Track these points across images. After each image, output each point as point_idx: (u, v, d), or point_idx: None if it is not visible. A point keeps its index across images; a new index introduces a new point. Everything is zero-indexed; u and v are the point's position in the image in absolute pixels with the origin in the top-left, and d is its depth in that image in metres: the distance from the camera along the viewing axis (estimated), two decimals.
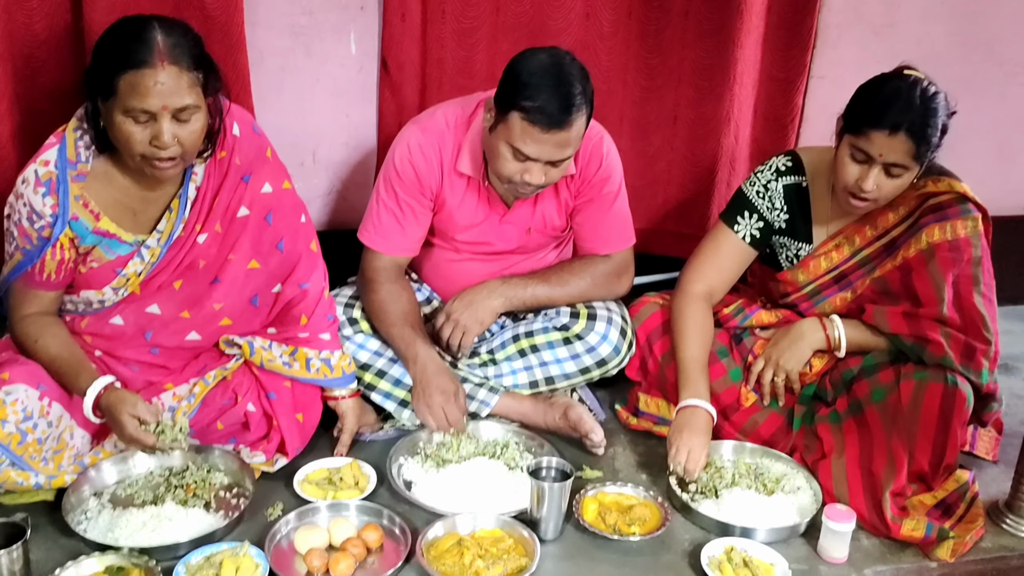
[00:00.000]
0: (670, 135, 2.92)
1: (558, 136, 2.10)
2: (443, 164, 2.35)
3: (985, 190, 2.55)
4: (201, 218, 2.11)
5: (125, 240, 2.06)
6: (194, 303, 2.17)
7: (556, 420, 2.38)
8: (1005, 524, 2.16)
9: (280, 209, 2.17)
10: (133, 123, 1.87)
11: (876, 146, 2.12)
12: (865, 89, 2.19)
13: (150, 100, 1.84)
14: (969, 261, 2.22)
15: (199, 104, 1.91)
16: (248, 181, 2.13)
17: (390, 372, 2.36)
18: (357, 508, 2.05)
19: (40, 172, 1.95)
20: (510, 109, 2.11)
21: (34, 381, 1.99)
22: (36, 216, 1.96)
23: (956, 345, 2.17)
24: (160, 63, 1.83)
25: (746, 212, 2.41)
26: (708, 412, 2.24)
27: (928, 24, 3.01)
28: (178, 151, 1.91)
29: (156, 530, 1.94)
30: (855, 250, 2.34)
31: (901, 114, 2.09)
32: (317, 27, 2.61)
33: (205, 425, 2.20)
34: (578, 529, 2.07)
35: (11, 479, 1.95)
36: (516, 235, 2.45)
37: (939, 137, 2.13)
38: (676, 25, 2.78)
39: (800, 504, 2.16)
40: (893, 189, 2.19)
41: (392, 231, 2.38)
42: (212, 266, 2.15)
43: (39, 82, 2.36)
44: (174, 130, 1.88)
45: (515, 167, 2.17)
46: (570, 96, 2.09)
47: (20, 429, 1.94)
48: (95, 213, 2.01)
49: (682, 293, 2.42)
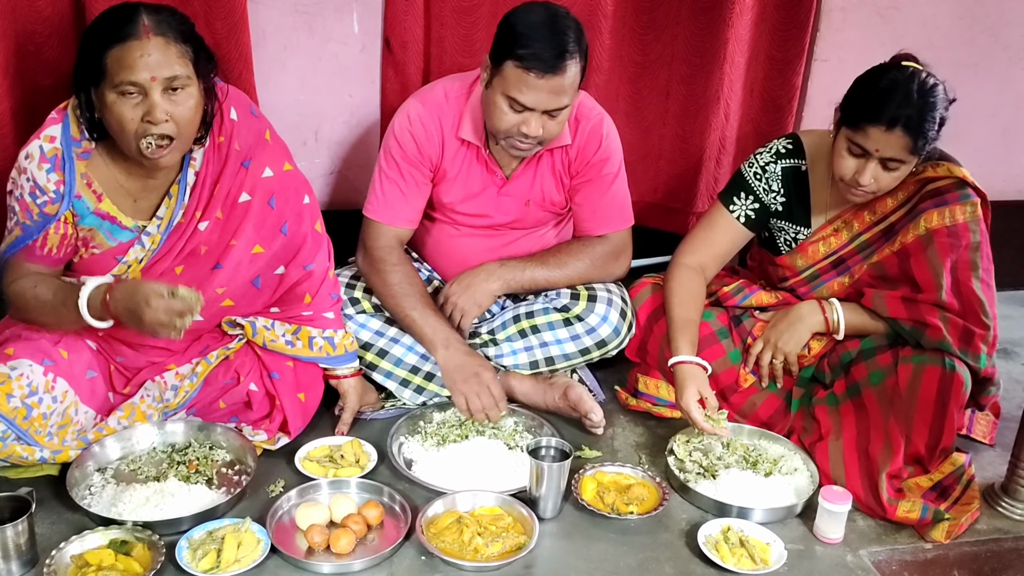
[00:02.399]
0: (662, 110, 2.93)
1: (552, 82, 2.12)
2: (443, 134, 2.36)
3: (988, 175, 2.56)
4: (201, 204, 2.09)
5: (125, 225, 2.05)
6: (195, 287, 2.17)
7: (556, 400, 2.40)
8: (1000, 507, 2.18)
9: (283, 192, 2.16)
10: (124, 101, 1.85)
11: (873, 141, 2.11)
12: (861, 82, 2.18)
13: (138, 72, 1.82)
14: (968, 246, 2.22)
15: (190, 76, 1.89)
16: (248, 166, 2.12)
17: (391, 352, 2.37)
18: (358, 485, 2.07)
19: (45, 148, 1.94)
20: (505, 59, 2.14)
21: (39, 357, 2.00)
22: (39, 192, 1.95)
23: (954, 329, 2.18)
24: (146, 35, 1.83)
25: (742, 193, 2.42)
26: (693, 364, 2.27)
27: (933, 6, 3.00)
28: (172, 129, 1.88)
29: (159, 505, 1.96)
30: (853, 235, 2.35)
31: (898, 109, 2.07)
32: (320, 6, 2.61)
33: (207, 404, 2.22)
34: (576, 508, 2.08)
35: (16, 453, 1.97)
36: (515, 207, 2.46)
37: (937, 130, 2.13)
38: (671, 2, 2.78)
39: (797, 485, 2.17)
40: (891, 181, 2.18)
41: (395, 200, 2.40)
42: (213, 252, 2.15)
43: (42, 58, 2.36)
44: (166, 106, 1.86)
45: (513, 119, 2.19)
46: (564, 43, 2.12)
47: (26, 404, 1.95)
48: (98, 194, 2.01)
49: (673, 265, 2.46)
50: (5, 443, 1.95)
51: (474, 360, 2.32)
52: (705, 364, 2.29)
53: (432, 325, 2.34)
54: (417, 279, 2.40)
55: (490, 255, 2.49)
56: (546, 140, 2.26)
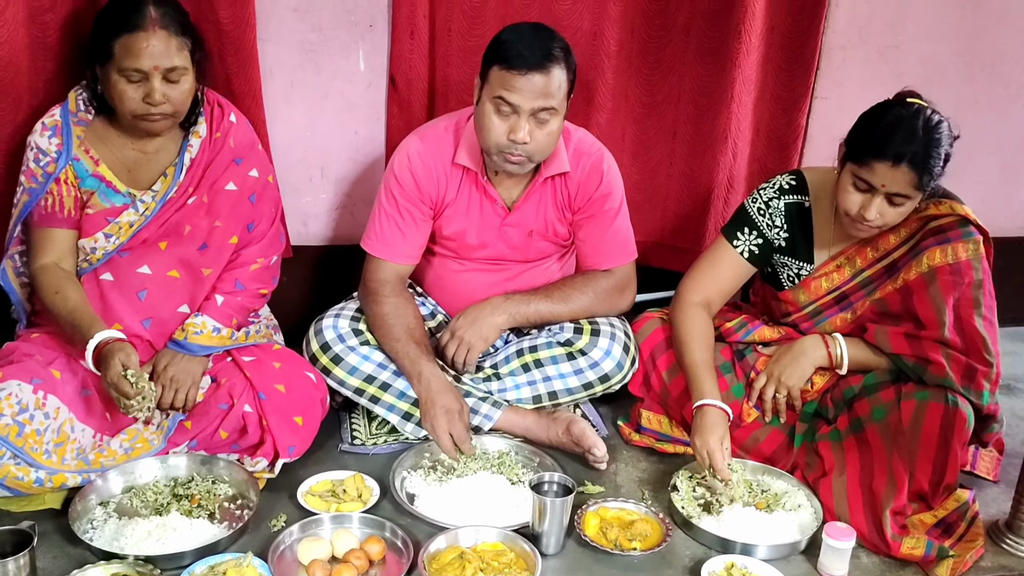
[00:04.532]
0: (669, 151, 2.95)
1: (535, 80, 2.16)
2: (442, 167, 2.39)
3: (989, 211, 2.57)
4: (193, 184, 2.28)
5: (119, 190, 2.23)
6: (182, 263, 2.29)
7: (559, 435, 2.39)
8: (1005, 544, 2.17)
9: (263, 195, 2.39)
10: (127, 82, 2.09)
11: (879, 176, 2.12)
12: (867, 118, 2.20)
13: (143, 60, 2.06)
14: (970, 284, 2.22)
15: (187, 67, 2.13)
16: (240, 164, 2.33)
17: (394, 385, 2.38)
18: (360, 520, 2.07)
19: (47, 121, 2.19)
20: (491, 65, 2.20)
21: (27, 376, 2.04)
22: (41, 155, 2.17)
23: (957, 366, 2.18)
24: (152, 28, 2.06)
25: (746, 228, 2.43)
26: (720, 409, 2.25)
27: (932, 44, 3.03)
28: (169, 109, 2.13)
29: (161, 540, 1.96)
30: (856, 271, 2.36)
31: (903, 145, 2.09)
32: (327, 44, 2.65)
33: (209, 435, 2.22)
34: (579, 544, 2.07)
35: (11, 474, 1.96)
36: (518, 238, 2.48)
37: (942, 166, 2.14)
38: (677, 43, 2.81)
39: (801, 521, 2.16)
40: (896, 216, 2.20)
41: (393, 237, 2.42)
42: (197, 233, 2.29)
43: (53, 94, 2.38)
44: (164, 89, 2.10)
45: (501, 127, 2.22)
46: (547, 47, 2.19)
47: (17, 421, 1.98)
48: (95, 159, 2.21)
49: (680, 302, 2.45)
50: (0, 461, 1.96)
51: (448, 395, 2.31)
52: (729, 411, 2.27)
53: (412, 357, 2.33)
54: (407, 313, 2.41)
55: (494, 289, 2.51)
56: (536, 154, 2.27)
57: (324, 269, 2.90)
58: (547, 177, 2.41)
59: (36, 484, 2.00)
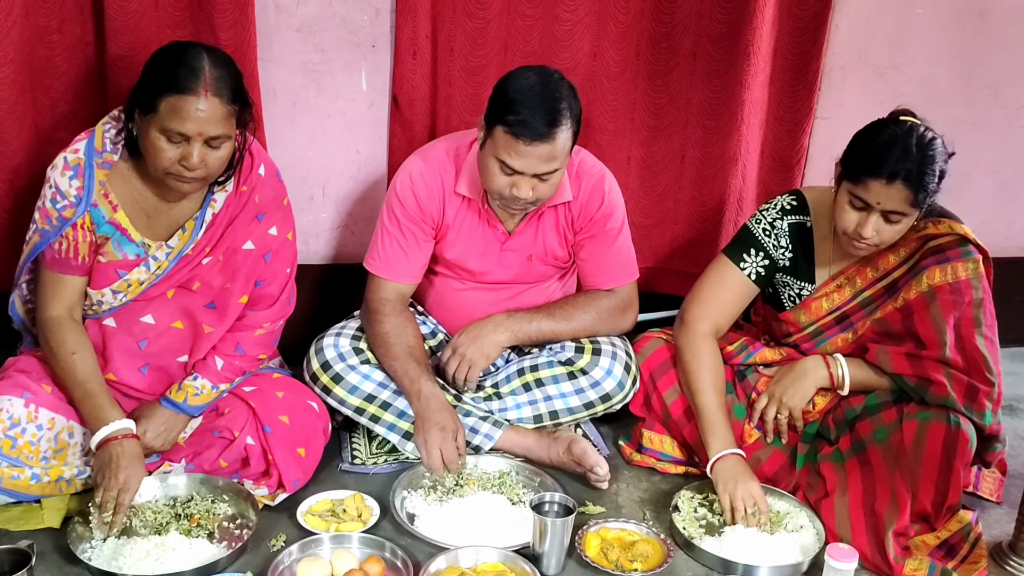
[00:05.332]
0: (677, 174, 2.95)
1: (541, 149, 2.15)
2: (444, 191, 2.40)
3: (989, 231, 2.57)
4: (212, 242, 2.18)
5: (133, 239, 2.13)
6: (187, 315, 2.23)
7: (560, 455, 2.39)
8: (1008, 565, 2.15)
9: (279, 253, 2.27)
10: (167, 141, 1.96)
11: (874, 194, 2.13)
12: (861, 136, 2.21)
13: (188, 125, 1.93)
14: (970, 303, 2.23)
15: (230, 135, 2.02)
16: (261, 220, 2.22)
17: (394, 404, 2.37)
18: (360, 540, 2.06)
19: (69, 158, 2.05)
20: (496, 124, 2.17)
21: (18, 391, 2.04)
22: (60, 196, 2.05)
23: (959, 386, 2.18)
24: (204, 92, 1.93)
25: (752, 249, 2.42)
26: (742, 456, 2.26)
27: (932, 66, 3.05)
28: (203, 173, 2.01)
29: (160, 559, 1.95)
30: (856, 291, 2.36)
31: (898, 162, 2.09)
32: (329, 64, 2.66)
33: (205, 460, 2.23)
34: (580, 564, 2.06)
35: (7, 474, 1.99)
36: (517, 262, 2.48)
37: (937, 183, 2.14)
38: (684, 66, 2.82)
39: (803, 542, 2.15)
40: (894, 234, 2.20)
41: (396, 257, 2.42)
42: (207, 290, 2.21)
43: (58, 111, 2.41)
44: (203, 154, 1.97)
45: (504, 181, 2.21)
46: (554, 111, 2.14)
47: (9, 435, 1.99)
48: (113, 204, 2.10)
49: (689, 331, 2.41)
50: None
51: (445, 414, 2.29)
52: (742, 453, 2.28)
53: (411, 376, 2.32)
54: (408, 332, 2.40)
55: (495, 308, 2.51)
56: (539, 201, 2.28)
57: (325, 288, 2.90)
58: (550, 205, 2.42)
59: (33, 481, 2.02)
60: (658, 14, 2.75)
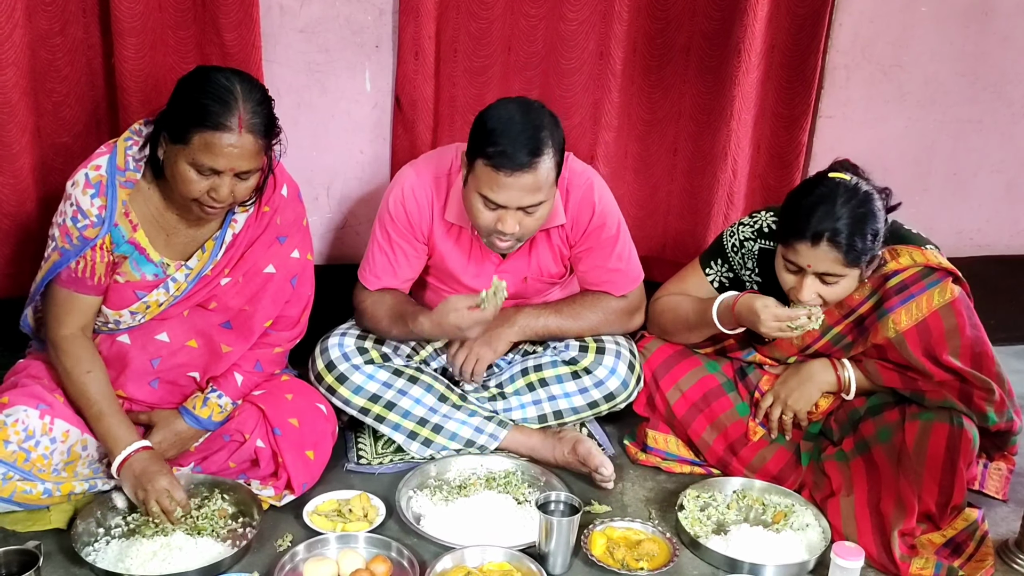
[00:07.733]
0: (670, 167, 2.96)
1: (523, 179, 2.11)
2: (434, 209, 2.38)
3: (994, 230, 2.57)
4: (231, 263, 2.18)
5: (152, 258, 2.11)
6: (201, 334, 2.22)
7: (565, 455, 2.38)
8: (1016, 563, 2.15)
9: (302, 276, 2.29)
10: (196, 173, 1.94)
11: (803, 257, 2.09)
12: (792, 196, 2.16)
13: (220, 161, 1.92)
14: (942, 335, 2.18)
15: (260, 168, 2.02)
16: (283, 243, 2.23)
17: (399, 404, 2.37)
18: (366, 540, 2.06)
19: (91, 175, 2.01)
20: (477, 157, 2.14)
21: (33, 402, 2.02)
22: (81, 215, 2.01)
23: (952, 392, 2.17)
24: (239, 131, 1.91)
25: (719, 259, 2.42)
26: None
27: (936, 64, 3.04)
28: (230, 202, 2.01)
29: (166, 559, 1.95)
30: (825, 329, 2.29)
31: (821, 223, 2.04)
32: (332, 65, 2.67)
33: (214, 462, 2.23)
34: (586, 564, 2.06)
35: (19, 488, 1.98)
36: (512, 284, 2.44)
37: (872, 240, 2.08)
38: (678, 61, 2.83)
39: (809, 541, 2.15)
40: (840, 292, 2.15)
41: (384, 271, 2.43)
42: (223, 310, 2.21)
43: (60, 115, 2.41)
44: (232, 185, 1.97)
45: (489, 217, 2.19)
46: (534, 140, 2.10)
47: (23, 448, 1.98)
48: (134, 224, 2.07)
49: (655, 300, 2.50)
50: (6, 482, 1.97)
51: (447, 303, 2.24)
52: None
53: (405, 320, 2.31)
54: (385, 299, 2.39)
55: None
56: (525, 236, 2.26)
57: (329, 288, 2.88)
58: (543, 229, 2.39)
59: (45, 495, 2.02)
60: (654, 10, 2.77)
